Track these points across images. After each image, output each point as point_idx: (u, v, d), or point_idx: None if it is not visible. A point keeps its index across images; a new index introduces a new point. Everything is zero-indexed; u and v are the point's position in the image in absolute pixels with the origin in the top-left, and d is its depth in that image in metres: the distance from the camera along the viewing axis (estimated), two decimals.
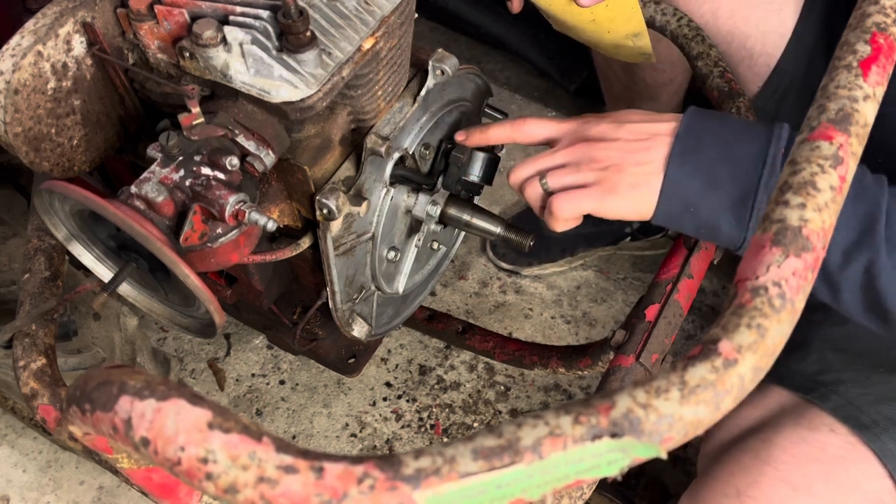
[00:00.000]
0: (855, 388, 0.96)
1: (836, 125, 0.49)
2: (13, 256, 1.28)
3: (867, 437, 0.91)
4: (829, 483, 0.90)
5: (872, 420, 0.92)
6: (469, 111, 0.97)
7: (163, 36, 0.74)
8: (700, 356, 0.41)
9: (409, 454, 0.38)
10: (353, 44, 0.74)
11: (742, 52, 1.14)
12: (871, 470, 0.91)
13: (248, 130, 0.76)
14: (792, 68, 1.13)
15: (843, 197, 0.48)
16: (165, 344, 1.68)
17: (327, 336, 1.21)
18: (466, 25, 2.13)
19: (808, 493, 0.90)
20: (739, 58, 1.15)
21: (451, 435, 1.56)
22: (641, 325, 0.87)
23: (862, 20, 0.55)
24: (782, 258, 0.44)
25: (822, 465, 0.91)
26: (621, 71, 1.44)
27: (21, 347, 0.79)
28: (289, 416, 1.58)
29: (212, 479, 0.38)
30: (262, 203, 0.83)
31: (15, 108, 0.70)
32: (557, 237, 1.72)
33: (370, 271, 0.96)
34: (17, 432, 1.54)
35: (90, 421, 0.43)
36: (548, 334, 1.70)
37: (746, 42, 1.13)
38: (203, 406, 0.40)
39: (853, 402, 0.94)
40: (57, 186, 0.68)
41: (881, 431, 0.92)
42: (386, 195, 0.88)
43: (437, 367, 1.64)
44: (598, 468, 0.38)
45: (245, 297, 1.02)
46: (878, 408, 0.93)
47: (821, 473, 0.91)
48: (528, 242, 0.95)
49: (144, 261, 0.75)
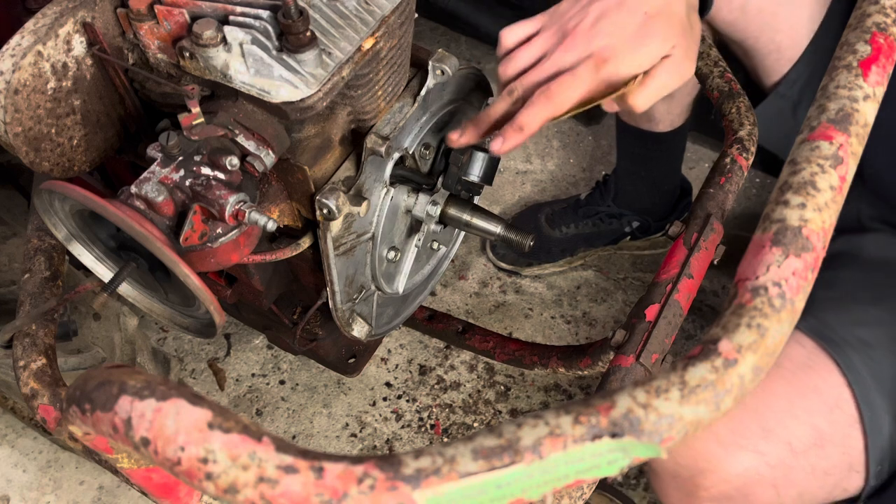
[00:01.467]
0: (832, 314, 1.00)
1: (836, 125, 0.49)
2: (13, 256, 1.28)
3: (833, 350, 0.95)
4: (791, 385, 0.94)
5: (843, 339, 0.96)
6: (469, 111, 0.97)
7: (163, 36, 0.74)
8: (700, 356, 0.41)
9: (409, 454, 0.38)
10: (353, 44, 0.74)
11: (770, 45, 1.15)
12: (832, 378, 0.95)
13: (248, 130, 0.76)
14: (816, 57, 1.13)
15: (842, 197, 0.48)
16: (165, 344, 1.68)
17: (327, 336, 1.21)
18: (466, 25, 2.13)
19: (769, 391, 0.94)
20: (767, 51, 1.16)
21: (451, 435, 1.56)
22: (641, 325, 0.87)
23: (862, 20, 0.55)
24: (782, 258, 0.44)
25: (785, 370, 0.95)
26: None
27: (21, 347, 0.79)
28: (289, 416, 1.58)
29: (212, 479, 0.38)
30: (262, 203, 0.83)
31: (15, 108, 0.70)
32: (557, 238, 1.72)
33: (370, 271, 0.96)
34: (17, 432, 1.54)
35: (90, 421, 0.43)
36: (548, 334, 1.70)
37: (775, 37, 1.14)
38: (203, 406, 0.40)
39: (827, 324, 0.98)
40: (57, 186, 0.68)
41: (849, 348, 0.95)
42: (386, 195, 0.88)
43: (437, 367, 1.64)
44: (598, 468, 0.38)
45: (245, 297, 1.02)
46: (852, 329, 0.97)
47: (783, 377, 0.95)
48: (528, 242, 0.95)
49: (144, 261, 0.75)
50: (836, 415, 0.94)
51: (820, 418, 0.93)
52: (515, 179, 1.95)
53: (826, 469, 0.94)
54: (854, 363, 0.95)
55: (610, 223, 1.70)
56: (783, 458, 0.92)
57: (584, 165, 1.98)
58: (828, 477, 0.95)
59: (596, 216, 1.70)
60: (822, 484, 0.95)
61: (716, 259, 0.97)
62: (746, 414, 0.93)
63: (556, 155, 2.00)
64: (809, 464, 0.93)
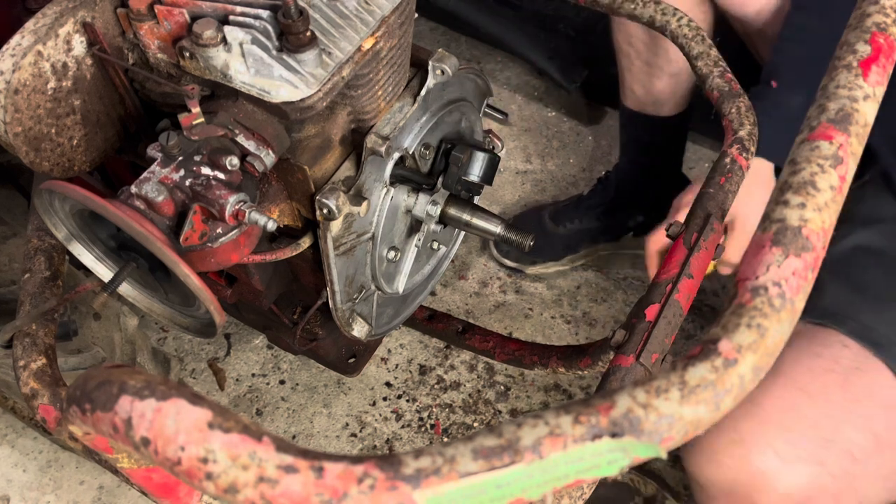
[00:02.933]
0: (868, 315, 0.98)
1: (836, 125, 0.49)
2: (13, 256, 1.28)
3: (879, 351, 0.93)
4: (845, 391, 0.92)
5: (885, 337, 0.95)
6: (469, 111, 0.97)
7: (163, 36, 0.74)
8: (700, 356, 0.41)
9: (409, 454, 0.38)
10: (353, 44, 0.74)
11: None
12: (884, 379, 0.93)
13: (248, 130, 0.76)
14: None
15: (843, 197, 0.48)
16: (165, 344, 1.68)
17: (327, 336, 1.21)
18: (466, 25, 2.13)
19: (825, 399, 0.91)
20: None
21: (451, 435, 1.56)
22: (641, 324, 0.87)
23: (862, 20, 0.55)
24: (782, 258, 0.44)
25: (836, 374, 0.93)
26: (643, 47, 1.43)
27: (21, 347, 0.79)
28: (289, 416, 1.58)
29: (212, 479, 0.38)
30: (262, 203, 0.83)
31: (15, 108, 0.70)
32: (561, 234, 1.72)
33: (370, 271, 0.96)
34: (17, 432, 1.54)
35: (90, 421, 0.43)
36: (548, 334, 1.70)
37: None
38: (203, 406, 0.40)
39: (866, 325, 0.96)
40: (57, 186, 0.68)
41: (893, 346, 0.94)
42: (386, 195, 0.88)
43: (437, 366, 1.64)
44: (597, 468, 0.38)
45: (245, 296, 1.02)
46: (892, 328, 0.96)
47: (835, 383, 0.92)
48: (528, 242, 0.95)
49: (144, 261, 0.75)
50: (892, 417, 0.92)
51: (877, 422, 0.91)
52: (515, 179, 1.95)
53: (886, 474, 0.92)
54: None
55: (614, 217, 1.70)
56: (845, 468, 0.89)
57: (584, 165, 1.98)
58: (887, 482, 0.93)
59: (599, 208, 1.70)
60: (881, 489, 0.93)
61: (716, 259, 0.97)
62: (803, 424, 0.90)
63: (556, 155, 2.00)
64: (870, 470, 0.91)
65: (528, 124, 2.06)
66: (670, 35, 1.10)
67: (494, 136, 1.03)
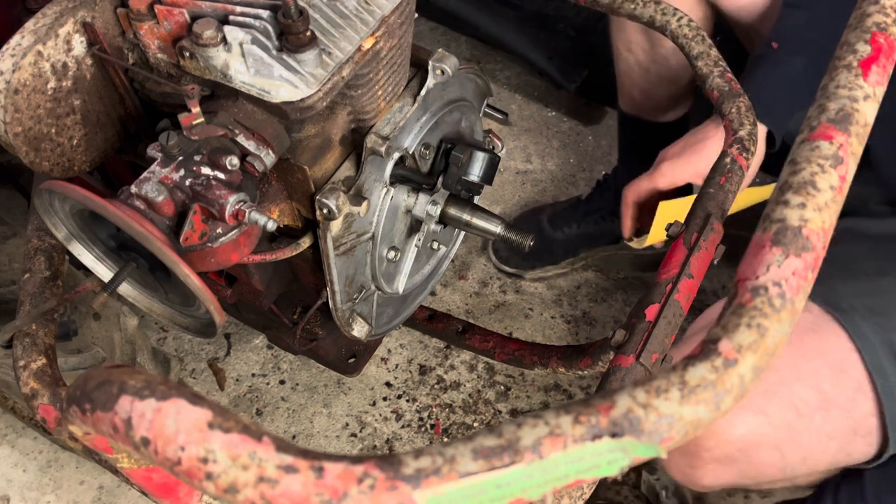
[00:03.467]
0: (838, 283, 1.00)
1: (836, 125, 0.49)
2: (13, 256, 1.28)
3: (840, 316, 0.95)
4: (797, 348, 0.95)
5: (850, 306, 0.96)
6: (469, 111, 0.97)
7: (163, 36, 0.74)
8: (700, 356, 0.41)
9: (409, 454, 0.38)
10: (353, 44, 0.74)
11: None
12: (838, 342, 0.95)
13: (248, 130, 0.76)
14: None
15: (843, 197, 0.48)
16: (165, 344, 1.68)
17: (327, 336, 1.21)
18: (466, 25, 2.13)
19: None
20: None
21: (451, 435, 1.56)
22: (641, 324, 0.87)
23: (862, 20, 0.55)
24: (782, 258, 0.44)
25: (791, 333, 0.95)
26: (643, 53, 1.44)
27: (21, 347, 0.79)
28: (289, 416, 1.58)
29: (212, 479, 0.38)
30: (262, 203, 0.83)
31: (15, 107, 0.70)
32: (559, 239, 1.72)
33: (370, 271, 0.96)
34: (17, 432, 1.54)
35: (90, 421, 0.43)
36: (548, 334, 1.70)
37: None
38: (203, 406, 0.40)
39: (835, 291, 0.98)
40: (57, 186, 0.68)
41: (857, 315, 0.95)
42: (386, 195, 0.88)
43: (437, 366, 1.64)
44: (597, 468, 0.38)
45: (245, 296, 1.02)
46: (860, 299, 0.97)
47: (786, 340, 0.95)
48: (528, 242, 0.95)
49: (144, 261, 0.75)
50: (842, 379, 0.93)
51: (825, 382, 0.93)
52: (515, 179, 1.95)
53: (830, 433, 0.94)
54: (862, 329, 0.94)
55: (612, 221, 1.70)
56: (788, 420, 0.92)
57: (584, 165, 1.98)
58: (832, 441, 0.94)
59: (598, 214, 1.70)
60: (826, 448, 0.95)
61: (716, 259, 0.97)
62: None
63: (556, 155, 2.00)
64: (814, 427, 0.93)
65: (528, 124, 2.06)
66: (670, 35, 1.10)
67: (494, 136, 1.03)
